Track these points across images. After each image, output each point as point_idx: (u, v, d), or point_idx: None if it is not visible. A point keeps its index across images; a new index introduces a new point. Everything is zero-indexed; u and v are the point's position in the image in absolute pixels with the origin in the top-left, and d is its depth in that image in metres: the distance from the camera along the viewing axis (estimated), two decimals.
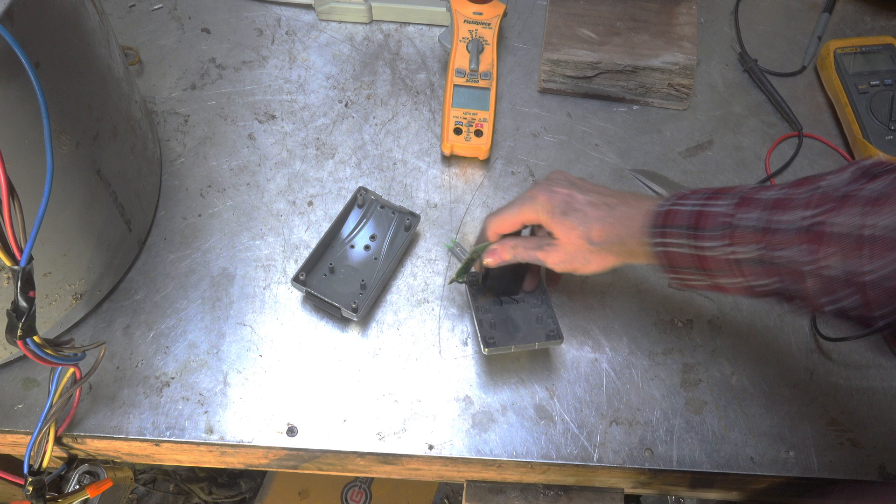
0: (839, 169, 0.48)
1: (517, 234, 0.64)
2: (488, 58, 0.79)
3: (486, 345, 0.63)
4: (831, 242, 0.44)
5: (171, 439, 0.64)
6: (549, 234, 0.60)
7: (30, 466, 0.60)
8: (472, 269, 0.66)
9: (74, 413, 0.64)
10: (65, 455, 0.68)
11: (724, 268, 0.51)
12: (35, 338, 0.51)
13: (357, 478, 1.26)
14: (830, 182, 0.47)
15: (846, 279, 0.44)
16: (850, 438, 0.65)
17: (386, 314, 0.70)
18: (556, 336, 0.64)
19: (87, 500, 0.66)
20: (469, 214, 0.75)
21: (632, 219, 0.56)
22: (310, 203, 0.76)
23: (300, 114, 0.81)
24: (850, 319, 0.45)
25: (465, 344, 0.69)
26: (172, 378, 0.66)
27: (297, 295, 0.70)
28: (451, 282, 0.68)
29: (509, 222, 0.62)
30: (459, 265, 0.66)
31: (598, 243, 0.58)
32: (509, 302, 0.67)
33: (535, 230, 0.65)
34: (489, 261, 0.63)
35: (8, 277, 0.54)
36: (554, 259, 0.60)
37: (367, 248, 0.72)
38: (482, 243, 0.64)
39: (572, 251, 0.59)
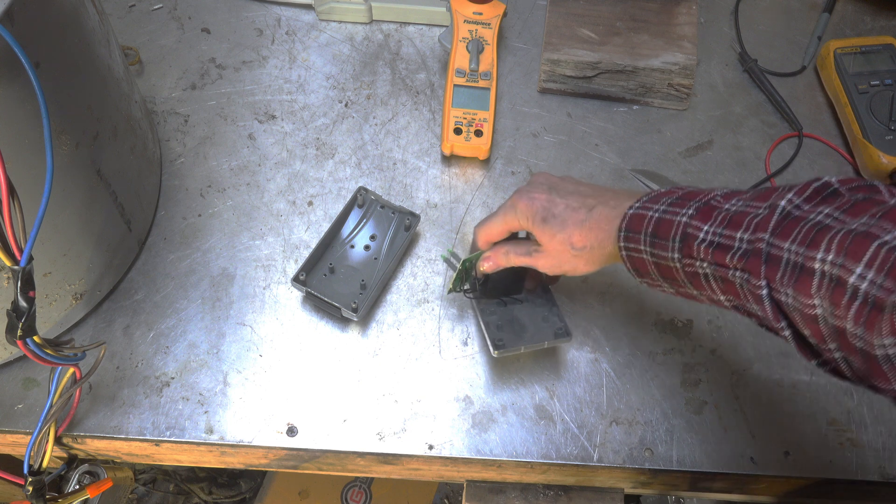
0: (800, 186, 0.46)
1: (514, 235, 0.64)
2: (488, 58, 0.79)
3: (496, 347, 0.62)
4: (777, 268, 0.43)
5: (171, 439, 0.64)
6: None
7: (30, 466, 0.60)
8: (473, 275, 0.66)
9: (74, 413, 0.64)
10: (65, 455, 0.68)
11: (684, 278, 0.50)
12: (35, 338, 0.51)
13: (357, 478, 1.26)
14: (789, 199, 0.45)
15: (795, 307, 0.43)
16: (850, 438, 0.65)
17: (386, 314, 0.70)
18: (565, 334, 0.64)
19: (87, 500, 0.66)
20: (469, 214, 0.75)
21: (609, 221, 0.55)
22: (310, 203, 0.76)
23: (300, 114, 0.81)
24: (807, 346, 0.44)
25: (465, 344, 0.69)
26: (172, 378, 0.66)
27: (297, 295, 0.70)
28: (449, 292, 0.68)
29: (496, 231, 0.62)
30: (454, 274, 0.66)
31: (580, 248, 0.57)
32: (513, 302, 0.67)
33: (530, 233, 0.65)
34: (486, 266, 0.63)
35: (8, 277, 0.54)
36: (543, 264, 0.60)
37: (367, 248, 0.72)
38: (475, 252, 0.64)
39: (558, 257, 0.59)
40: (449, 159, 0.79)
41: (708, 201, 0.50)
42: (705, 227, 0.48)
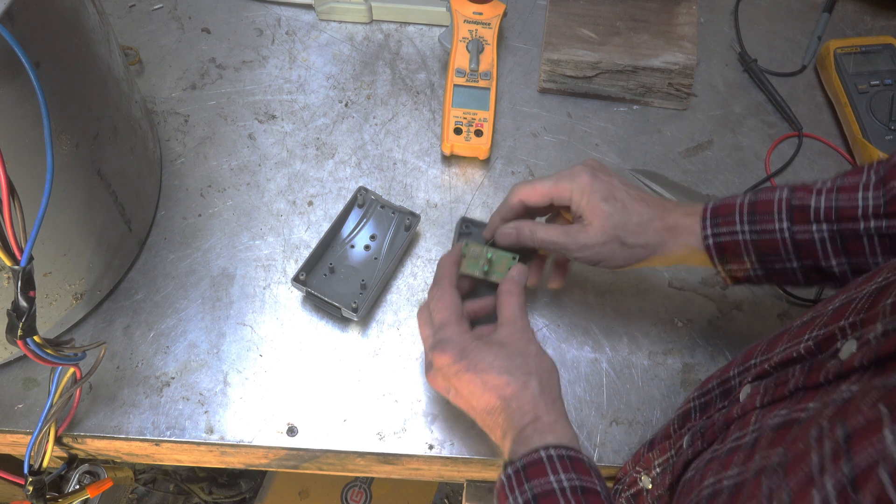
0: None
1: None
2: (488, 58, 0.79)
3: None
4: None
5: (172, 439, 0.64)
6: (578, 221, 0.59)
7: (30, 466, 0.60)
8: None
9: (74, 413, 0.64)
10: (65, 455, 0.68)
11: (790, 249, 0.53)
12: (35, 338, 0.51)
13: (357, 478, 1.26)
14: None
15: None
16: None
17: (386, 314, 0.70)
18: None
19: (87, 499, 0.66)
20: (469, 214, 0.75)
21: (675, 214, 0.57)
22: (310, 203, 0.76)
23: (300, 114, 0.81)
24: None
25: None
26: (172, 378, 0.66)
27: (297, 295, 0.70)
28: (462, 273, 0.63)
29: (541, 192, 0.60)
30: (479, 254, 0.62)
31: (631, 243, 0.57)
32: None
33: (553, 219, 0.64)
34: (503, 236, 0.61)
35: (8, 277, 0.54)
36: (579, 242, 0.57)
37: (367, 247, 0.72)
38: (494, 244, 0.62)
39: (602, 240, 0.57)
40: (449, 159, 0.79)
41: (796, 186, 0.55)
42: (814, 198, 0.53)
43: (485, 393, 0.52)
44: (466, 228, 0.70)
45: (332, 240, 0.71)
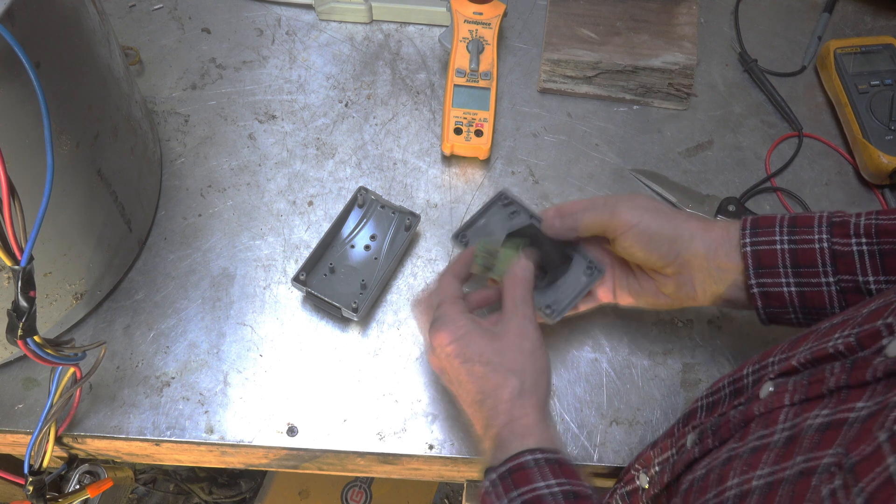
0: None
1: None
2: (488, 58, 0.79)
3: (553, 313, 0.62)
4: None
5: (172, 439, 0.64)
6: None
7: (30, 466, 0.60)
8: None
9: (75, 413, 0.64)
10: (65, 455, 0.68)
11: (826, 260, 0.53)
12: (35, 337, 0.51)
13: (357, 478, 1.26)
14: None
15: None
16: None
17: (386, 314, 0.70)
18: (596, 269, 0.63)
19: (87, 499, 0.66)
20: (469, 214, 0.75)
21: (711, 221, 0.59)
22: (310, 203, 0.76)
23: (300, 114, 0.81)
24: None
25: None
26: (173, 378, 0.66)
27: (297, 295, 0.70)
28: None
29: (574, 203, 0.62)
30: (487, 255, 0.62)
31: (665, 212, 0.58)
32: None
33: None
34: (547, 224, 0.62)
35: (8, 277, 0.54)
36: (610, 203, 0.59)
37: (367, 247, 0.72)
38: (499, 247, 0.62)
39: (633, 209, 0.58)
40: (449, 159, 0.79)
41: (834, 211, 0.56)
42: (854, 217, 0.54)
43: (469, 383, 0.52)
44: (464, 238, 0.68)
45: (332, 240, 0.71)
